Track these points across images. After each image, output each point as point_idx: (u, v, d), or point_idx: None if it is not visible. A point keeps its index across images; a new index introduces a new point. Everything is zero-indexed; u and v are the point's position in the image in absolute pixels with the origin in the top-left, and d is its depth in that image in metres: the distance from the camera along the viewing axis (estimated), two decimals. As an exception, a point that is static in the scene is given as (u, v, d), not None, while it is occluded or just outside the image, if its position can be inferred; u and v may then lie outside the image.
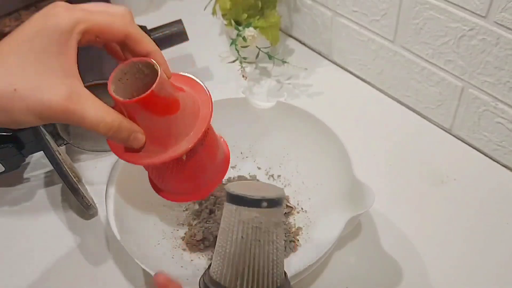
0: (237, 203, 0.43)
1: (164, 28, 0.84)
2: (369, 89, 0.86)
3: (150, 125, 0.45)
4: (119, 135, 0.44)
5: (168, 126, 0.45)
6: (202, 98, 0.49)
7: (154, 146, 0.46)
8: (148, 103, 0.43)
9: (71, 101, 0.41)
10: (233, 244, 0.43)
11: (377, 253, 0.64)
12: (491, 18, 0.63)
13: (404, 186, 0.72)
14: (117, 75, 0.44)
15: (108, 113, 0.43)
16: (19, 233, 0.69)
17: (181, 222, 0.67)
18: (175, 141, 0.46)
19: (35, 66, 0.40)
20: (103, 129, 0.43)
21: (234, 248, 0.43)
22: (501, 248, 0.64)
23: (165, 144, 0.46)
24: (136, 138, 0.45)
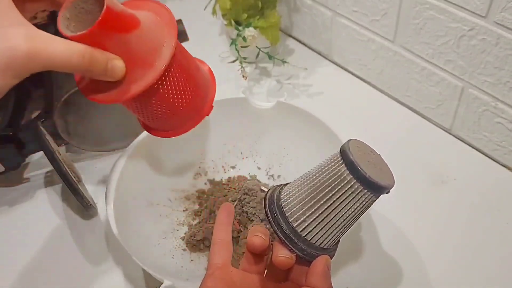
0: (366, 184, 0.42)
1: (164, 28, 0.84)
2: (369, 89, 0.86)
3: (120, 50, 0.43)
4: (96, 66, 0.41)
5: (137, 44, 0.43)
6: (165, 19, 0.47)
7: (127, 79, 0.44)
8: (109, 20, 0.41)
9: (33, 41, 0.39)
10: (324, 200, 0.43)
11: (377, 253, 0.64)
12: (491, 18, 0.63)
13: (404, 186, 0.71)
14: (63, 21, 0.43)
15: (75, 44, 0.41)
16: (19, 233, 0.69)
17: (181, 222, 0.67)
18: (147, 64, 0.44)
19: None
20: (77, 60, 0.40)
21: (322, 204, 0.43)
22: (501, 248, 0.64)
23: (137, 70, 0.44)
24: (115, 66, 0.43)
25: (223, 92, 0.85)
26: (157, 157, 0.68)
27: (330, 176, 0.43)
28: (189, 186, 0.70)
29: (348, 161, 0.42)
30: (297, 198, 0.44)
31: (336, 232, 0.44)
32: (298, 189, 0.45)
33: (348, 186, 0.42)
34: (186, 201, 0.69)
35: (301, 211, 0.43)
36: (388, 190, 0.43)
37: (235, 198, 0.64)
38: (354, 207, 0.43)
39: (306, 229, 0.43)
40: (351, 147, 0.43)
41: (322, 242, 0.44)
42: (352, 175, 0.42)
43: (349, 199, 0.42)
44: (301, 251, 0.43)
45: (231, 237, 0.47)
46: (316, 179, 0.44)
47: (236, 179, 0.70)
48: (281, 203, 0.45)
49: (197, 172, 0.71)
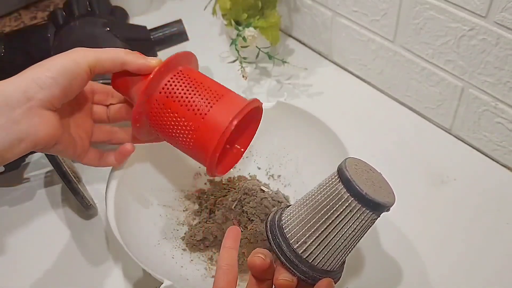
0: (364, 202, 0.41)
1: (164, 28, 0.84)
2: (369, 89, 0.86)
3: None
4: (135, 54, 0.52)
5: None
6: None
7: None
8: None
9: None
10: (324, 220, 0.42)
11: (377, 253, 0.64)
12: (491, 18, 0.63)
13: (404, 186, 0.71)
14: None
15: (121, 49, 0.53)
16: (19, 233, 0.69)
17: (181, 222, 0.67)
18: None
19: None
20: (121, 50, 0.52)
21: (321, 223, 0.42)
22: (501, 248, 0.64)
23: None
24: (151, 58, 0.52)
25: (223, 92, 0.85)
26: (157, 157, 0.68)
27: (328, 195, 0.43)
28: (189, 186, 0.70)
29: (345, 179, 0.42)
30: (297, 219, 0.44)
31: (338, 253, 0.44)
32: (298, 210, 0.44)
33: (346, 204, 0.42)
34: (186, 201, 0.69)
35: (301, 232, 0.43)
36: (387, 208, 0.43)
37: (235, 198, 0.64)
38: (354, 226, 0.42)
39: (307, 251, 0.43)
40: (348, 165, 0.43)
41: (325, 264, 0.43)
42: (349, 193, 0.41)
43: (348, 218, 0.42)
44: (303, 274, 0.43)
45: (237, 261, 0.47)
46: (315, 199, 0.43)
47: (236, 179, 0.70)
48: (282, 225, 0.45)
49: (197, 172, 0.71)
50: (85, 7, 0.82)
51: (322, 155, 0.67)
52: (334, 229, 0.42)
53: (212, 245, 0.64)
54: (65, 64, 0.48)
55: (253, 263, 0.44)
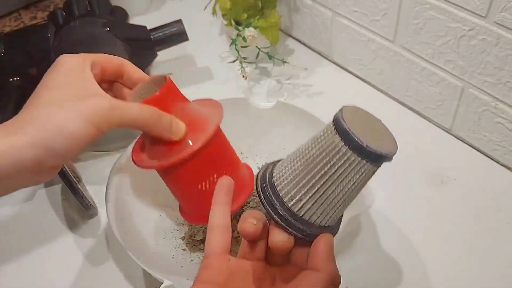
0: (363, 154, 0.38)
1: (164, 28, 0.84)
2: (369, 89, 0.86)
3: (180, 114, 0.49)
4: (163, 122, 0.47)
5: (193, 112, 0.51)
6: (213, 106, 0.54)
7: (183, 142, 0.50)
8: (171, 88, 0.49)
9: (115, 100, 0.45)
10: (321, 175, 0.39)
11: (377, 253, 0.64)
12: (491, 18, 0.63)
13: (404, 186, 0.72)
14: (136, 94, 0.51)
15: (147, 106, 0.47)
16: (19, 233, 0.69)
17: (181, 222, 0.67)
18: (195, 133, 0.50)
19: (70, 91, 0.45)
20: (149, 115, 0.46)
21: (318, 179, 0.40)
22: (501, 248, 0.64)
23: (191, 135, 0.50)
24: (178, 125, 0.48)
25: (223, 92, 0.85)
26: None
27: (324, 148, 0.39)
28: (189, 186, 0.70)
29: (342, 131, 0.38)
30: (291, 175, 0.41)
31: (336, 208, 0.41)
32: (291, 165, 0.41)
33: (345, 158, 0.38)
34: (186, 201, 0.69)
35: (296, 188, 0.40)
36: (390, 158, 0.39)
37: (235, 198, 0.64)
38: (353, 180, 0.39)
39: (303, 208, 0.40)
40: (345, 115, 0.39)
41: (322, 220, 0.41)
42: (347, 145, 0.38)
43: (347, 171, 0.39)
44: (300, 232, 0.40)
45: (230, 220, 0.44)
46: (310, 152, 0.40)
47: (236, 179, 0.70)
48: (273, 182, 0.42)
49: (197, 172, 0.71)
50: (85, 7, 0.82)
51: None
52: (332, 184, 0.39)
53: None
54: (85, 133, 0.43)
55: (245, 230, 0.42)
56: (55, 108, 0.43)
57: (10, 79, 0.78)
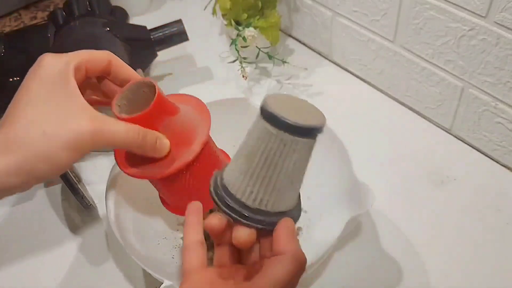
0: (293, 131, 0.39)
1: (164, 28, 0.84)
2: (369, 89, 0.86)
3: (166, 130, 0.49)
4: (148, 142, 0.47)
5: (178, 126, 0.50)
6: (201, 113, 0.53)
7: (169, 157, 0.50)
8: (160, 104, 0.48)
9: (97, 122, 0.44)
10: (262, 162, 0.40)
11: (377, 253, 0.64)
12: (491, 18, 0.63)
13: (404, 186, 0.72)
14: (117, 102, 0.49)
15: (132, 125, 0.47)
16: (19, 233, 0.69)
17: (181, 222, 0.67)
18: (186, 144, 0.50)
19: (51, 108, 0.44)
20: (133, 137, 0.46)
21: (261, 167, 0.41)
22: (501, 248, 0.64)
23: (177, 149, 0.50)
24: (162, 143, 0.49)
25: (223, 92, 0.85)
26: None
27: (258, 137, 0.41)
28: (189, 186, 0.70)
29: (268, 116, 0.39)
30: (237, 171, 0.42)
31: (287, 191, 0.41)
32: (235, 162, 0.42)
33: (278, 140, 0.39)
34: (186, 201, 0.69)
35: (244, 182, 0.41)
36: (319, 129, 0.41)
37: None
38: (293, 159, 0.40)
39: (256, 199, 0.41)
40: (269, 101, 0.40)
41: (278, 205, 0.41)
42: (277, 127, 0.39)
43: (284, 152, 0.40)
44: (259, 223, 0.41)
45: (203, 236, 0.45)
46: (247, 145, 0.42)
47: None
48: (224, 183, 0.43)
49: (197, 172, 0.71)
50: (85, 7, 0.82)
51: (322, 155, 0.66)
52: (275, 168, 0.40)
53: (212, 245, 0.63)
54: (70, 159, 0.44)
55: (210, 224, 0.42)
56: (37, 132, 0.43)
57: (10, 79, 0.78)
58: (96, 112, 0.45)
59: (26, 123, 0.43)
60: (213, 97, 0.67)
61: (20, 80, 0.47)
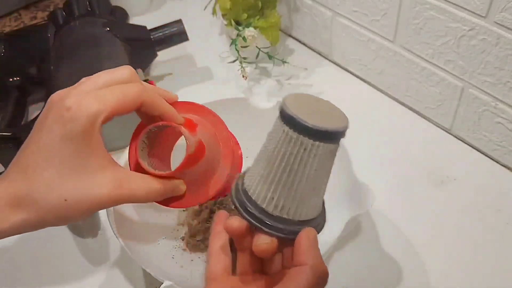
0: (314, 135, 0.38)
1: (164, 28, 0.84)
2: (369, 89, 0.86)
3: (187, 176, 0.49)
4: (166, 195, 0.48)
5: (199, 171, 0.49)
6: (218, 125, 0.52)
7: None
8: (187, 163, 0.47)
9: (119, 188, 0.43)
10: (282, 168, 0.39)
11: (377, 253, 0.64)
12: (491, 18, 0.63)
13: (404, 186, 0.72)
14: (140, 146, 0.48)
15: (152, 182, 0.46)
16: (19, 233, 0.69)
17: (181, 222, 0.67)
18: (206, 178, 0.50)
19: (73, 171, 0.42)
20: (154, 198, 0.47)
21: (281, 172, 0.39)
22: (501, 248, 0.64)
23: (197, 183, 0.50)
24: (179, 190, 0.49)
25: (223, 92, 0.85)
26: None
27: (278, 140, 0.39)
28: (189, 186, 0.70)
29: (287, 118, 0.38)
30: (258, 176, 0.40)
31: (309, 198, 0.40)
32: (256, 167, 0.41)
33: (298, 143, 0.38)
34: (186, 201, 0.69)
35: (265, 188, 0.40)
36: (341, 133, 0.39)
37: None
38: (314, 164, 0.38)
39: (277, 206, 0.40)
40: (288, 103, 0.39)
41: (300, 214, 0.40)
42: (296, 131, 0.37)
43: (304, 157, 0.38)
44: (280, 232, 0.40)
45: (228, 242, 0.45)
46: (268, 149, 0.40)
47: (236, 179, 0.70)
48: (245, 188, 0.41)
49: (197, 172, 0.71)
50: (85, 7, 0.82)
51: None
52: (295, 174, 0.38)
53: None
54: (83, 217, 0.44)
55: (231, 226, 0.42)
56: (57, 199, 0.42)
57: (10, 79, 0.78)
58: (117, 170, 0.44)
59: (45, 186, 0.42)
60: (213, 97, 0.67)
61: (20, 80, 0.46)
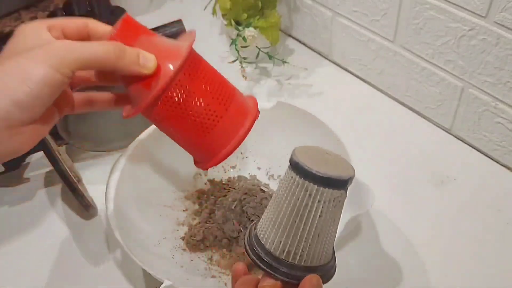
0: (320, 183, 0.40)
1: (164, 28, 0.84)
2: (369, 89, 0.86)
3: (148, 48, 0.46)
4: (128, 56, 0.45)
5: (161, 44, 0.47)
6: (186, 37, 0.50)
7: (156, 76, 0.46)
8: (130, 22, 0.46)
9: (71, 41, 0.44)
10: (289, 212, 0.41)
11: (377, 253, 0.64)
12: (491, 18, 0.63)
13: (404, 186, 0.72)
14: None
15: (106, 41, 0.45)
16: (19, 233, 0.69)
17: (181, 222, 0.67)
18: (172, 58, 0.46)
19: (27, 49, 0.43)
20: (108, 49, 0.44)
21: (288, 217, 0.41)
22: (500, 248, 0.64)
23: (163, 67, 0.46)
24: (146, 57, 0.45)
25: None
26: (157, 157, 0.68)
27: (286, 185, 0.41)
28: (189, 186, 0.70)
29: (295, 165, 0.40)
30: (268, 221, 0.43)
31: (314, 245, 0.42)
32: (268, 213, 0.43)
33: (303, 189, 0.40)
34: (186, 201, 0.69)
35: (273, 233, 0.42)
36: (345, 181, 0.41)
37: (235, 198, 0.64)
38: (319, 210, 0.40)
39: (283, 251, 0.42)
40: (297, 152, 0.41)
41: (305, 260, 0.42)
42: (300, 176, 0.40)
43: (310, 203, 0.40)
44: (285, 276, 0.42)
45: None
46: (277, 194, 0.42)
47: (236, 179, 0.71)
48: (257, 233, 0.44)
49: (197, 172, 0.71)
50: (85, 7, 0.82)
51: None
52: (300, 220, 0.41)
53: (212, 245, 0.64)
54: (45, 75, 0.41)
55: (235, 268, 0.44)
56: (10, 60, 0.42)
57: (10, 79, 0.78)
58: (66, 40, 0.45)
59: (1, 61, 0.43)
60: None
61: None
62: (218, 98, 0.48)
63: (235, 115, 0.49)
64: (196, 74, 0.47)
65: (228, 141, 0.49)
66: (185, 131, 0.48)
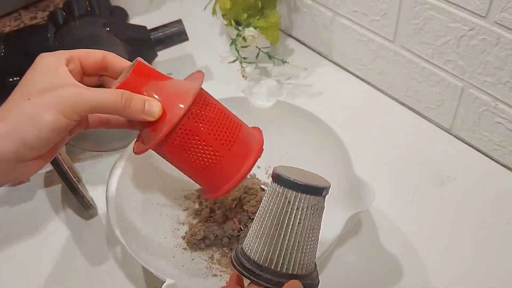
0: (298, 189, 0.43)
1: (164, 28, 0.84)
2: (369, 89, 0.87)
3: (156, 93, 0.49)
4: (134, 104, 0.48)
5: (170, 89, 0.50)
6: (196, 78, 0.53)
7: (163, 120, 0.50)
8: (141, 69, 0.49)
9: (79, 87, 0.47)
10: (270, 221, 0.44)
11: (377, 251, 0.64)
12: (491, 18, 0.63)
13: (404, 186, 0.72)
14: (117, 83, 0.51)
15: (111, 89, 0.48)
16: (19, 233, 0.69)
17: (181, 222, 0.67)
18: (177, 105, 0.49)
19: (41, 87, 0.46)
20: (114, 98, 0.47)
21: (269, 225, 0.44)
22: (501, 248, 0.64)
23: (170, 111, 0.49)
24: (152, 104, 0.49)
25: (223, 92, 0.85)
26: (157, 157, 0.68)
27: (268, 197, 0.44)
28: (189, 185, 0.70)
29: (274, 176, 0.44)
30: (252, 233, 0.46)
31: (295, 252, 0.44)
32: (252, 227, 0.46)
33: (283, 197, 0.43)
34: (186, 200, 0.69)
35: (257, 243, 0.44)
36: (321, 189, 0.44)
37: (235, 197, 0.64)
38: (298, 217, 0.43)
39: (267, 259, 0.44)
40: (278, 168, 0.45)
41: (288, 267, 0.44)
42: (280, 184, 0.43)
43: (289, 210, 0.43)
44: (267, 282, 0.43)
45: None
46: (260, 209, 0.45)
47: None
48: (243, 246, 0.46)
49: (197, 172, 0.71)
50: (85, 7, 0.82)
51: (322, 153, 0.67)
52: (281, 227, 0.43)
53: (213, 244, 0.64)
54: (54, 122, 0.45)
55: (229, 277, 0.46)
56: (24, 101, 0.45)
57: (10, 79, 0.78)
58: (82, 85, 0.48)
59: (19, 98, 0.46)
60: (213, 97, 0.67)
61: (20, 80, 0.47)
62: (222, 138, 0.51)
63: (238, 154, 0.53)
64: (201, 118, 0.51)
65: (231, 176, 0.52)
66: (189, 168, 0.53)
